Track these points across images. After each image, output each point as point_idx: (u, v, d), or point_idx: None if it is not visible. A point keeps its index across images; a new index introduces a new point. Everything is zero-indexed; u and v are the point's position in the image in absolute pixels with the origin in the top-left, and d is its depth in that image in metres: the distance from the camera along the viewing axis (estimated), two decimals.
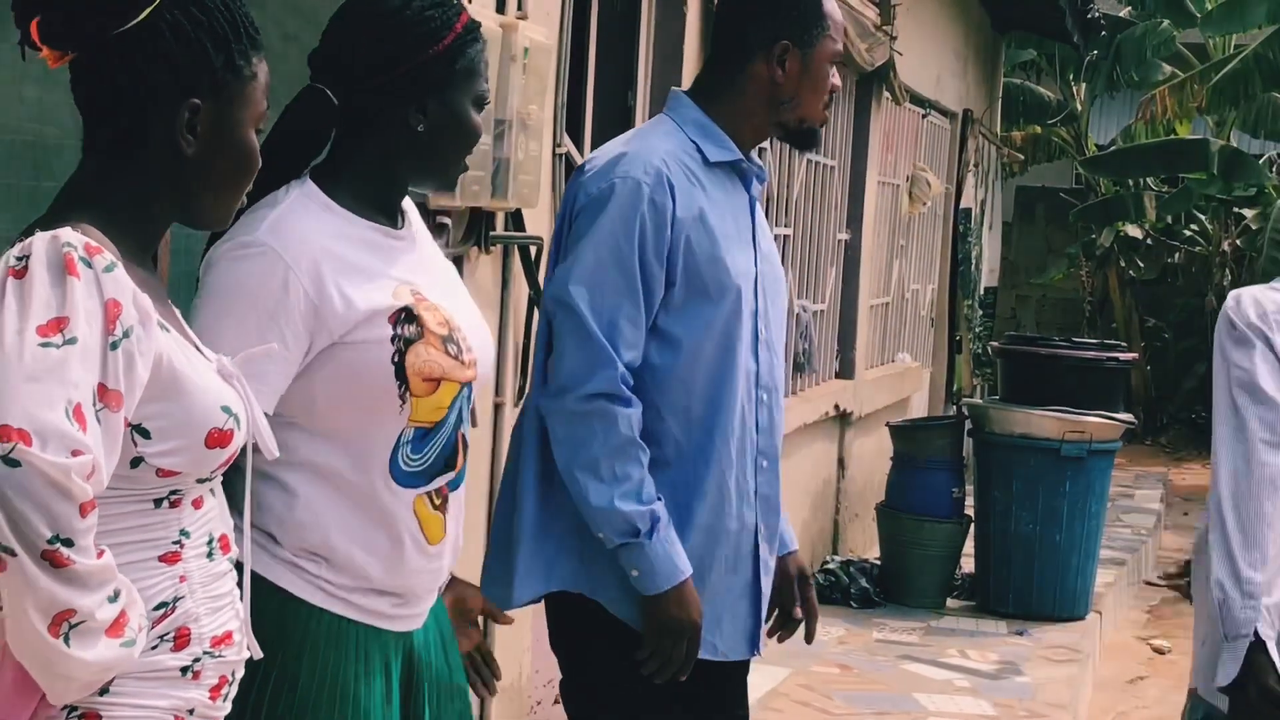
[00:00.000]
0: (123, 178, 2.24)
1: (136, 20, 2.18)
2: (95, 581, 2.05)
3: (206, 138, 2.26)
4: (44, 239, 2.11)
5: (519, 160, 4.40)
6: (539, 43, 4.45)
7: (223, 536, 2.34)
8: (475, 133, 2.83)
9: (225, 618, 2.32)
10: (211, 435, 2.23)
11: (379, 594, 2.77)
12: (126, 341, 2.11)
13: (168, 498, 2.24)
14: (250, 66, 2.30)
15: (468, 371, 2.78)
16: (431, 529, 2.79)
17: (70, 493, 2.00)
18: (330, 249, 2.66)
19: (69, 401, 2.03)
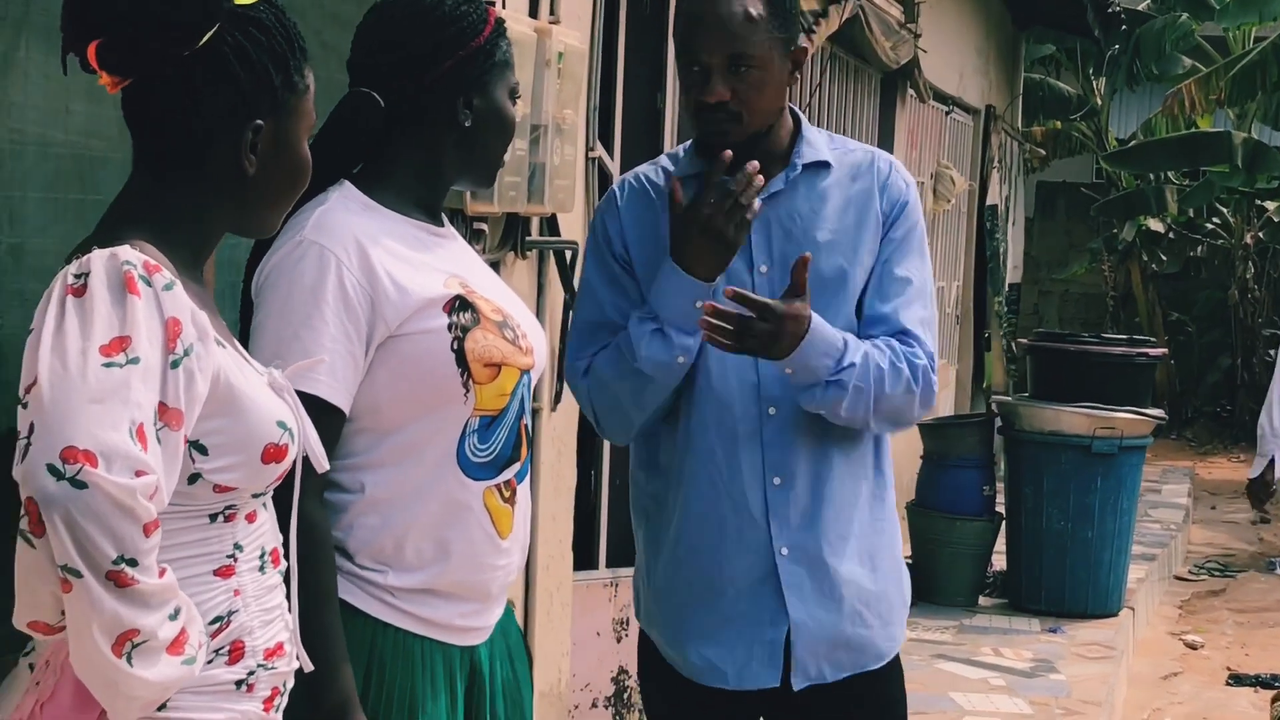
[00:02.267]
0: (179, 195, 2.23)
1: (199, 45, 2.18)
2: (157, 601, 2.04)
3: (266, 154, 2.25)
4: (102, 256, 2.10)
5: (555, 165, 4.40)
6: (573, 47, 4.45)
7: (274, 550, 2.35)
8: (514, 125, 2.86)
9: (276, 629, 2.32)
10: (267, 450, 2.23)
11: (447, 601, 2.75)
12: (187, 360, 2.11)
13: (223, 513, 2.24)
14: (304, 80, 2.30)
15: (526, 358, 2.78)
16: (502, 522, 2.78)
17: (135, 513, 1.99)
18: (378, 241, 2.68)
19: (132, 422, 2.02)
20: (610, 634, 6.04)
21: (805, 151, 3.27)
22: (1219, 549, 11.90)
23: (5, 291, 2.58)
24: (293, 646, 2.36)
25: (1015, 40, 13.94)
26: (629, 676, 6.08)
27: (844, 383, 3.14)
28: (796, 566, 3.24)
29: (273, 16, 2.26)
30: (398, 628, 2.72)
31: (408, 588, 2.72)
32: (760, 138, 3.21)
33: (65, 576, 1.98)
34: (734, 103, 3.15)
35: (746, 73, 3.14)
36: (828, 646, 3.27)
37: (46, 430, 1.98)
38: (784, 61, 3.21)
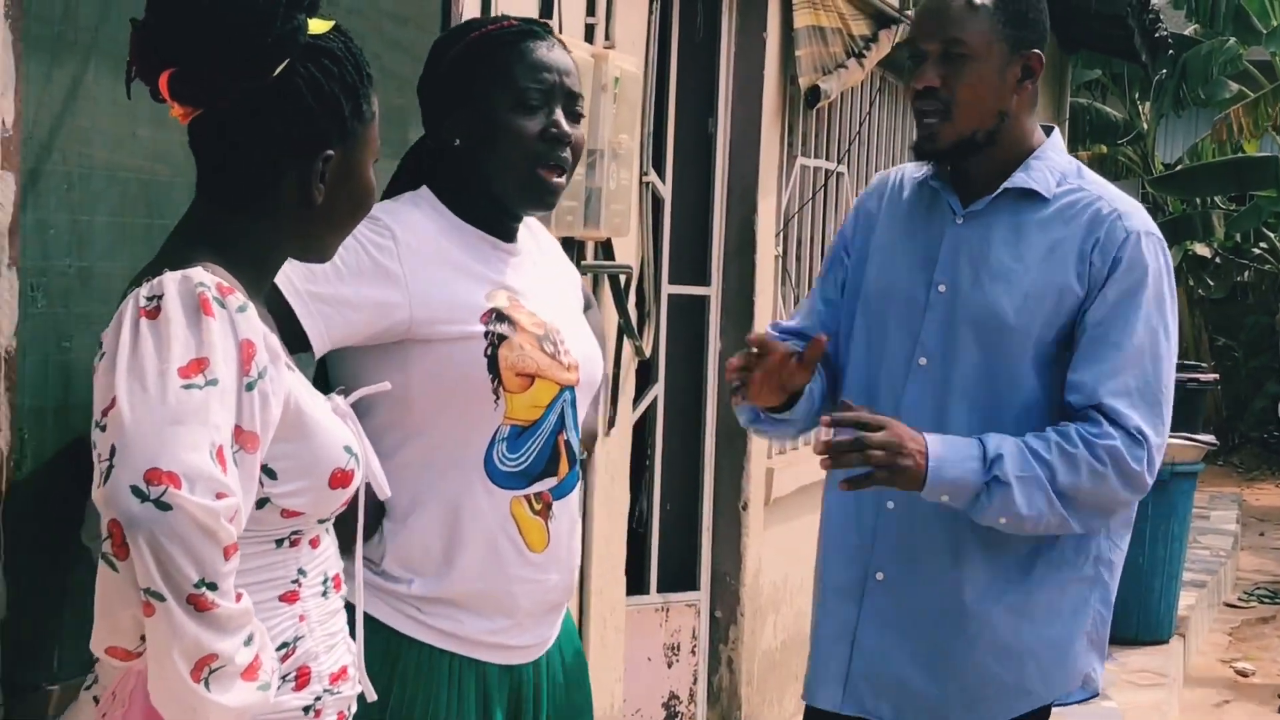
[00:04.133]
0: (245, 222, 2.23)
1: (273, 76, 2.18)
2: (234, 625, 2.03)
3: (334, 183, 2.25)
4: (175, 279, 2.10)
5: (610, 189, 4.40)
6: (629, 72, 4.46)
7: (336, 575, 2.34)
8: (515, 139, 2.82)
9: (340, 653, 2.32)
10: (335, 475, 2.23)
11: (473, 614, 2.76)
12: (261, 382, 2.10)
13: (288, 538, 2.24)
14: (371, 107, 2.30)
15: (567, 374, 2.79)
16: (532, 535, 2.78)
17: (216, 535, 1.98)
18: (437, 239, 2.74)
19: (212, 444, 2.01)
20: (661, 659, 6.03)
21: (1018, 176, 3.14)
22: (1268, 575, 11.81)
23: (73, 315, 2.58)
24: (356, 671, 2.36)
25: (1062, 65, 13.90)
26: (679, 702, 6.07)
27: (1004, 479, 2.99)
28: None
29: (343, 45, 2.26)
30: (423, 643, 2.73)
31: (431, 597, 2.73)
32: (978, 148, 3.11)
33: (148, 600, 1.98)
34: (943, 90, 3.06)
35: (960, 61, 3.05)
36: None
37: (129, 452, 1.98)
38: (1009, 60, 3.09)
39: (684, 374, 6.08)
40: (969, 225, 3.18)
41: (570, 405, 2.83)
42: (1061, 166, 3.20)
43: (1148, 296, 3.09)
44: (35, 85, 2.49)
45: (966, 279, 3.15)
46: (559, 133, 2.79)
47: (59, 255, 2.56)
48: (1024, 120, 3.18)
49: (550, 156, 2.79)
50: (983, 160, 3.15)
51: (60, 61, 2.55)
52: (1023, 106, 3.16)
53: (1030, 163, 3.17)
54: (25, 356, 2.49)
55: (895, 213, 3.29)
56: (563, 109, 2.82)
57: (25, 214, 2.47)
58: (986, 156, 3.15)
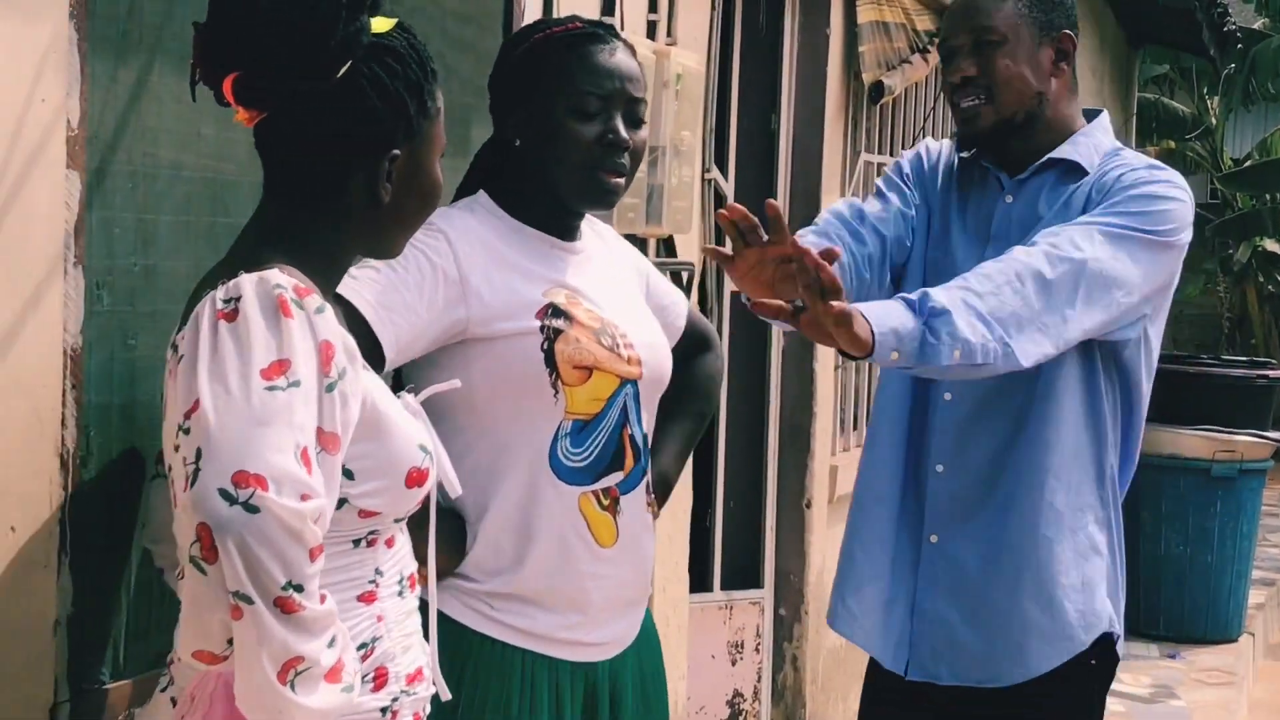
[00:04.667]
0: (313, 223, 2.23)
1: (338, 77, 2.18)
2: (319, 627, 2.03)
3: (400, 181, 2.26)
4: (251, 280, 2.09)
5: (672, 186, 4.39)
6: (690, 69, 4.45)
7: (411, 575, 2.34)
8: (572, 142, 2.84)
9: (415, 654, 2.32)
10: (411, 474, 2.23)
11: (545, 611, 2.77)
12: (341, 383, 2.10)
13: (365, 538, 2.24)
14: (435, 103, 2.30)
15: (627, 367, 2.80)
16: (601, 530, 2.79)
17: (303, 537, 1.98)
18: (491, 243, 2.77)
19: (297, 445, 2.01)
20: (725, 657, 6.02)
21: (1063, 148, 3.19)
22: None
23: (138, 313, 2.60)
24: (430, 672, 2.36)
25: (1129, 60, 13.80)
26: (744, 700, 6.06)
27: (938, 307, 2.81)
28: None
29: (407, 43, 2.26)
30: (494, 639, 2.75)
31: (503, 593, 2.75)
32: (1017, 130, 3.15)
33: (236, 603, 1.97)
34: (981, 77, 3.12)
35: (992, 48, 3.11)
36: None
37: (216, 455, 1.98)
38: (1040, 43, 3.15)
39: (747, 372, 6.06)
40: (1016, 202, 3.24)
41: (634, 399, 2.83)
42: (1106, 147, 3.25)
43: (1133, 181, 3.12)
44: (100, 84, 2.50)
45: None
46: (615, 140, 2.81)
47: (124, 254, 2.58)
48: (1064, 103, 3.23)
49: (606, 162, 2.81)
50: (1024, 142, 3.20)
51: (125, 60, 2.56)
52: (1062, 89, 3.21)
53: (1076, 138, 3.23)
54: (90, 354, 2.51)
55: (948, 187, 3.32)
56: (623, 115, 2.83)
57: (91, 213, 2.49)
58: (1027, 139, 3.19)
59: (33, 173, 2.37)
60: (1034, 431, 3.19)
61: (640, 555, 2.89)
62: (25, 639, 2.40)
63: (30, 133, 2.36)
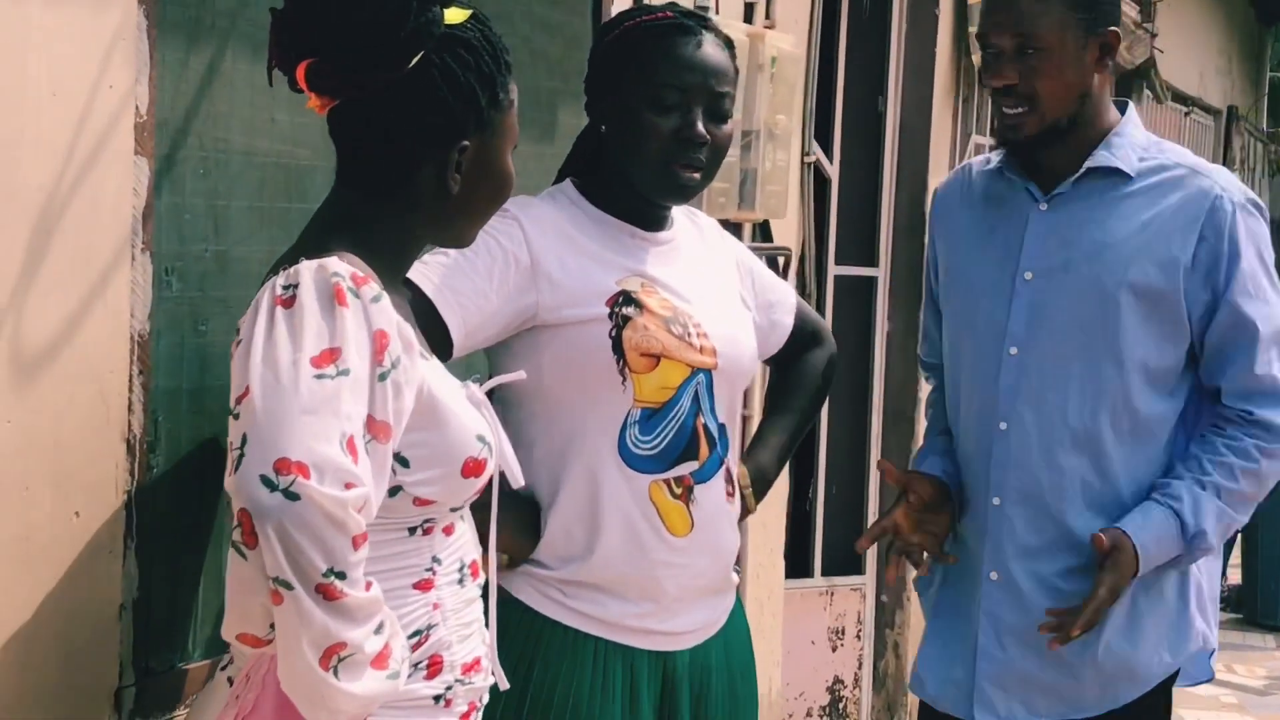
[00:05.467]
0: (383, 211, 2.23)
1: (408, 68, 2.18)
2: (364, 614, 2.03)
3: (471, 173, 2.25)
4: (310, 268, 2.10)
5: (766, 170, 4.35)
6: (786, 51, 4.40)
7: (473, 563, 2.33)
8: (650, 133, 2.81)
9: (474, 644, 2.31)
10: (468, 465, 2.22)
11: (617, 599, 2.76)
12: (394, 373, 2.10)
13: (421, 525, 2.23)
14: (508, 95, 2.28)
15: (699, 356, 2.78)
16: (673, 519, 2.77)
17: (345, 525, 1.98)
18: (566, 231, 2.77)
19: (343, 434, 2.01)
20: (825, 643, 5.99)
21: (1100, 155, 3.07)
22: None
23: (210, 299, 2.61)
24: (489, 662, 2.35)
25: (1260, 38, 13.56)
26: (844, 686, 6.02)
27: (1206, 546, 3.09)
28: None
29: (480, 34, 2.25)
30: (567, 626, 2.74)
31: (575, 580, 2.74)
32: (1060, 133, 3.05)
33: (276, 588, 1.98)
34: (1023, 85, 3.02)
35: (1033, 55, 2.99)
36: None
37: (259, 441, 1.99)
38: (1084, 45, 3.01)
39: (850, 356, 6.00)
40: (1055, 211, 3.12)
41: (707, 389, 2.81)
42: (1141, 142, 3.13)
43: (1261, 271, 3.06)
44: (171, 70, 2.51)
45: (1058, 263, 3.10)
46: (691, 135, 2.77)
47: (195, 240, 2.59)
48: (1102, 99, 3.12)
49: (683, 157, 2.78)
50: (1060, 147, 3.09)
51: (197, 47, 2.57)
52: (1103, 85, 3.11)
53: (1110, 140, 3.10)
54: (159, 340, 2.52)
55: (972, 209, 3.24)
56: (705, 109, 2.79)
57: (160, 199, 2.50)
58: (1064, 143, 3.09)
59: (100, 159, 2.38)
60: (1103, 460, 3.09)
61: (718, 545, 2.86)
62: (90, 623, 2.42)
63: (97, 119, 2.38)
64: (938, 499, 3.16)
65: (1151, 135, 3.19)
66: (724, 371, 2.84)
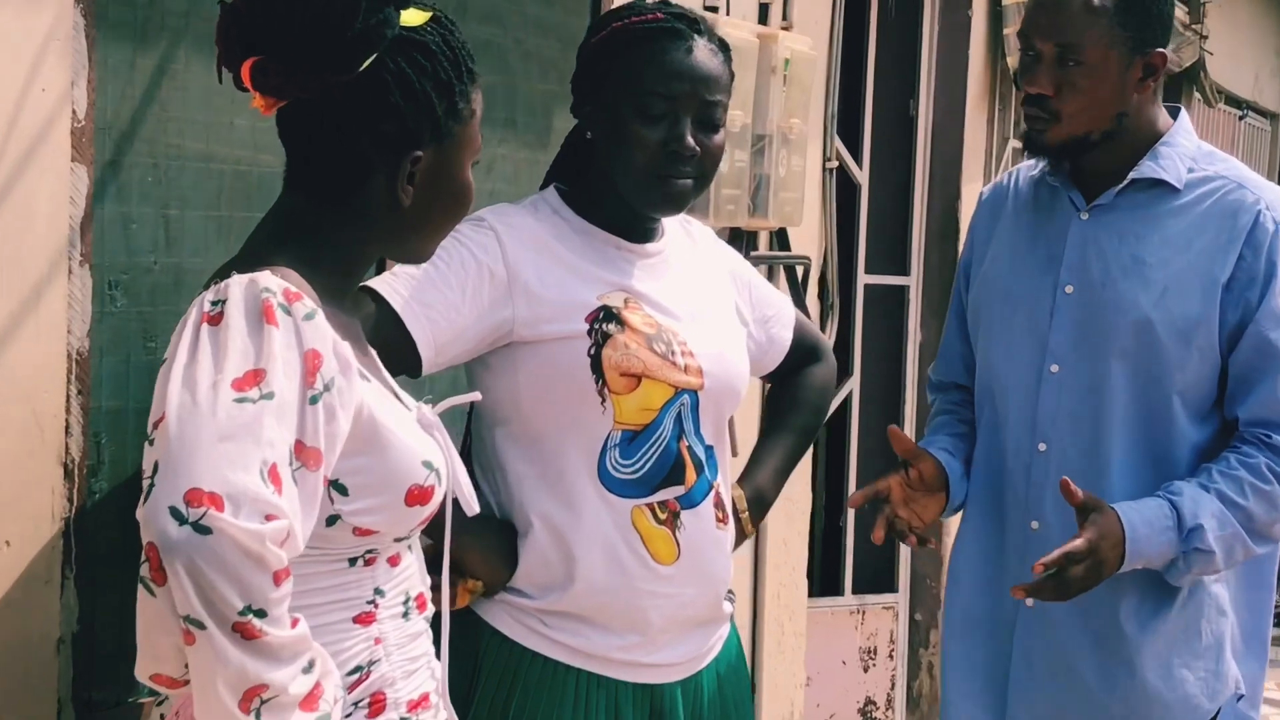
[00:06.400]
0: (331, 221, 2.11)
1: (359, 70, 2.04)
2: (289, 653, 1.90)
3: (425, 185, 2.12)
4: (241, 283, 1.97)
5: (780, 176, 4.20)
6: (801, 53, 4.25)
7: (419, 595, 2.20)
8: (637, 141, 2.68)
9: (421, 679, 2.18)
10: (412, 492, 2.09)
11: (599, 630, 2.64)
12: (327, 395, 1.97)
13: (363, 557, 2.11)
14: (470, 105, 2.14)
15: (684, 376, 2.65)
16: (657, 546, 2.65)
17: (264, 560, 1.86)
18: (546, 242, 2.64)
19: (264, 462, 1.88)
20: (856, 662, 5.86)
21: (1146, 166, 2.93)
22: None
23: (161, 313, 2.48)
24: (439, 698, 2.21)
25: None
26: (876, 707, 5.88)
27: (1204, 548, 2.86)
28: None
29: (440, 39, 2.11)
30: (546, 657, 2.63)
31: (555, 610, 2.63)
32: (1091, 146, 2.92)
33: (188, 628, 1.86)
34: (1055, 100, 2.88)
35: (1073, 68, 2.86)
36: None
37: (171, 470, 1.86)
38: (1129, 65, 2.88)
39: (881, 367, 5.87)
40: (1095, 221, 2.98)
41: (692, 411, 2.67)
42: (1191, 152, 2.98)
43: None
44: (115, 73, 2.39)
45: (1097, 277, 2.96)
46: (679, 148, 2.63)
47: (142, 251, 2.46)
48: (1147, 112, 2.97)
49: (670, 169, 2.64)
50: (1102, 154, 2.95)
51: (145, 48, 2.45)
52: (1144, 102, 2.95)
53: (1158, 149, 2.96)
54: (102, 357, 2.39)
55: (1014, 216, 3.11)
56: (695, 118, 2.64)
57: (101, 208, 2.37)
58: (1106, 151, 2.95)
59: (31, 166, 2.26)
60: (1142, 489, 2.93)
61: (708, 573, 2.73)
62: (25, 657, 2.30)
63: (28, 124, 2.25)
64: (935, 483, 3.03)
65: (1204, 145, 3.04)
66: (710, 392, 2.69)
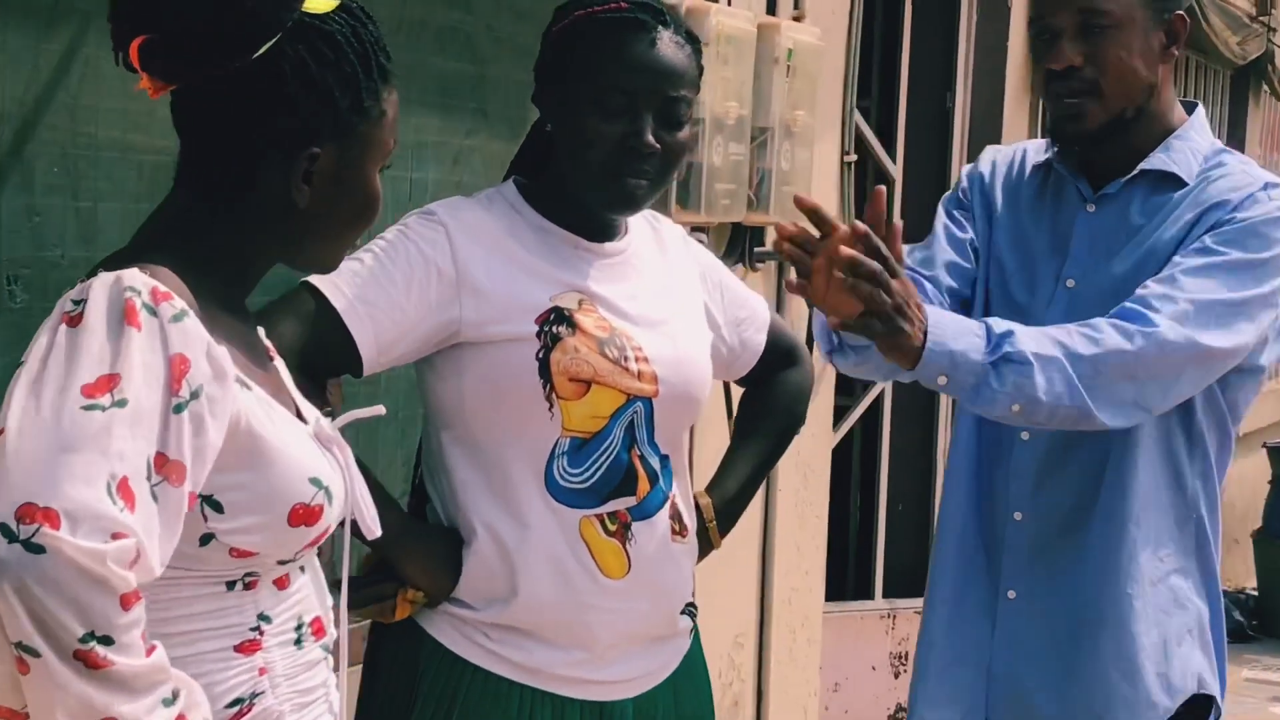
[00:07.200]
0: (222, 220, 1.98)
1: (254, 56, 1.92)
2: (143, 684, 1.77)
3: (324, 186, 1.98)
4: (105, 281, 1.85)
5: (782, 170, 4.07)
6: (806, 43, 4.12)
7: (315, 620, 2.06)
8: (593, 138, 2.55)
9: (317, 712, 2.04)
10: (295, 511, 1.94)
11: (545, 645, 2.53)
12: (194, 403, 1.83)
13: (242, 580, 1.97)
14: (379, 104, 2.00)
15: (636, 383, 2.53)
16: (607, 559, 2.54)
17: (107, 583, 1.72)
18: (499, 239, 2.53)
19: (112, 475, 1.75)
20: (887, 668, 5.75)
21: (1157, 158, 2.78)
22: None
23: None
24: None
25: None
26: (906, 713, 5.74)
27: (1014, 356, 2.57)
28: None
29: (348, 29, 1.97)
30: (489, 671, 2.52)
31: (499, 623, 2.52)
32: (1124, 127, 2.76)
33: (20, 655, 1.72)
34: (1088, 69, 2.71)
35: (1102, 34, 2.69)
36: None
37: (5, 484, 1.72)
38: (1153, 27, 2.73)
39: None
40: (1101, 212, 2.84)
41: (645, 419, 2.56)
42: (1204, 149, 2.82)
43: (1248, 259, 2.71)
44: (16, 60, 2.30)
45: (1099, 271, 2.81)
46: (637, 145, 2.50)
47: (48, 245, 2.37)
48: (1166, 94, 2.82)
49: (628, 168, 2.52)
50: (1117, 143, 2.79)
51: (52, 34, 2.36)
52: (1167, 76, 2.81)
53: (1171, 143, 2.81)
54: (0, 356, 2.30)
55: (1016, 197, 2.93)
56: (657, 114, 2.52)
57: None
58: (1124, 138, 2.78)
59: None
60: (1112, 475, 2.81)
61: (660, 588, 2.62)
62: None
63: None
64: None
65: (1219, 143, 2.88)
66: (666, 400, 2.57)
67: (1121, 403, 2.65)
